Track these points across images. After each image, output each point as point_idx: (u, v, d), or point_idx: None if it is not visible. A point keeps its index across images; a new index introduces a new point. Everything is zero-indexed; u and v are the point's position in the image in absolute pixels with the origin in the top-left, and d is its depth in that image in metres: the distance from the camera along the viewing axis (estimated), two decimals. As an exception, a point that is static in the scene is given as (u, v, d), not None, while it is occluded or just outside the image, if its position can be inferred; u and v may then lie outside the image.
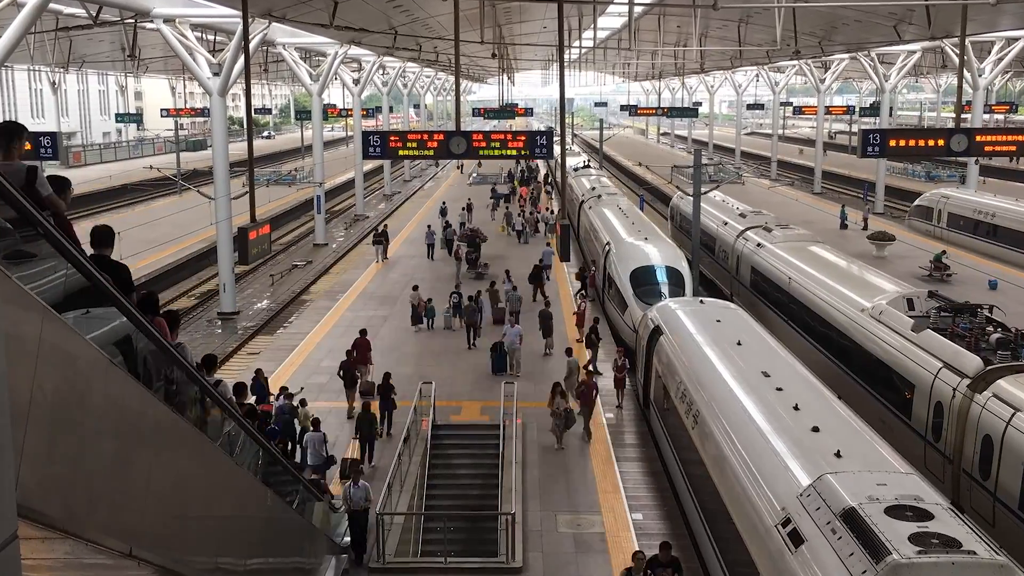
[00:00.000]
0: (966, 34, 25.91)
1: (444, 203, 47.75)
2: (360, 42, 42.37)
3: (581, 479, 16.45)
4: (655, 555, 12.05)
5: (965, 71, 31.76)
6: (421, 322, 26.17)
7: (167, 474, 5.52)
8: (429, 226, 39.22)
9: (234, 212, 30.16)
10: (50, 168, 65.17)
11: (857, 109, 75.65)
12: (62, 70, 62.03)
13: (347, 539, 14.00)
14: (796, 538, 9.63)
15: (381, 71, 62.04)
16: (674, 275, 26.08)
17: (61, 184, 5.87)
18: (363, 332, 21.87)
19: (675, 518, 15.29)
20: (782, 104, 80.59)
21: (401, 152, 20.92)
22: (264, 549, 8.94)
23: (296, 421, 16.96)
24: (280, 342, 25.82)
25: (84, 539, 4.10)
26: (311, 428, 16.33)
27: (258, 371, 18.83)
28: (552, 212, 46.93)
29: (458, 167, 78.66)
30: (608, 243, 29.82)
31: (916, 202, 43.79)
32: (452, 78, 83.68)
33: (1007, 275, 30.64)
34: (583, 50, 73.93)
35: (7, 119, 19.03)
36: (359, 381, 19.79)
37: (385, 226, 40.40)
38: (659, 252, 27.52)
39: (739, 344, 16.09)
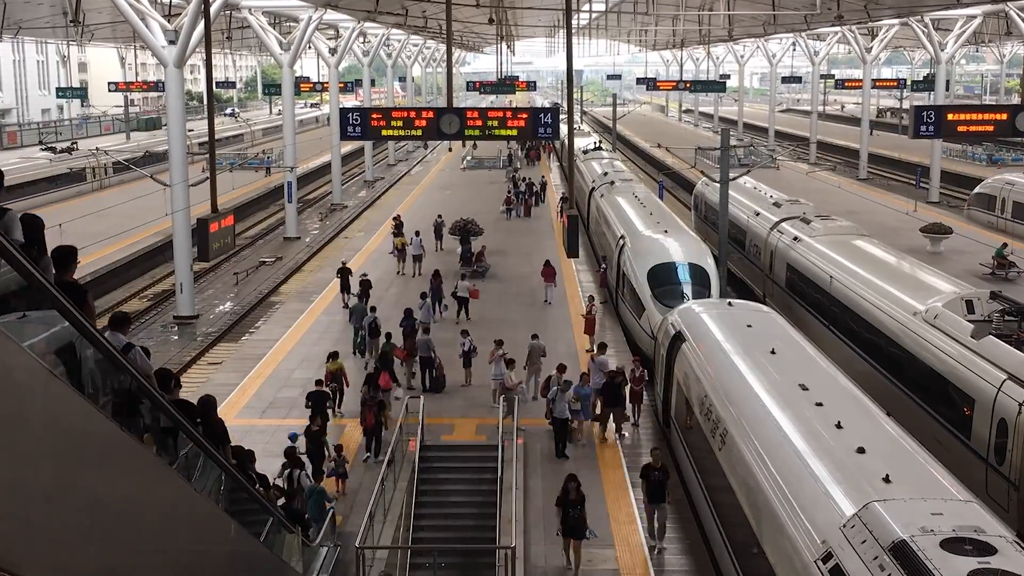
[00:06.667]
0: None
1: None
2: (337, 5, 42.39)
3: (592, 507, 16.37)
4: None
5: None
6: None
7: (116, 502, 5.53)
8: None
9: (193, 201, 30.17)
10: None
11: (909, 82, 75.73)
12: (-5, 38, 62.02)
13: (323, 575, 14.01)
14: (839, 575, 9.64)
15: (361, 39, 62.05)
16: (698, 273, 26.11)
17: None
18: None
19: (699, 552, 15.31)
20: (822, 77, 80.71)
21: (384, 132, 20.91)
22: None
23: None
24: (245, 350, 25.84)
25: (20, 577, 4.10)
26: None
27: None
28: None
29: (449, 149, 78.52)
30: (622, 237, 29.86)
31: (976, 189, 43.84)
32: (443, 47, 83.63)
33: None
34: (594, 14, 73.94)
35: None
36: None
37: None
38: (681, 247, 27.56)
39: (773, 352, 16.12)
